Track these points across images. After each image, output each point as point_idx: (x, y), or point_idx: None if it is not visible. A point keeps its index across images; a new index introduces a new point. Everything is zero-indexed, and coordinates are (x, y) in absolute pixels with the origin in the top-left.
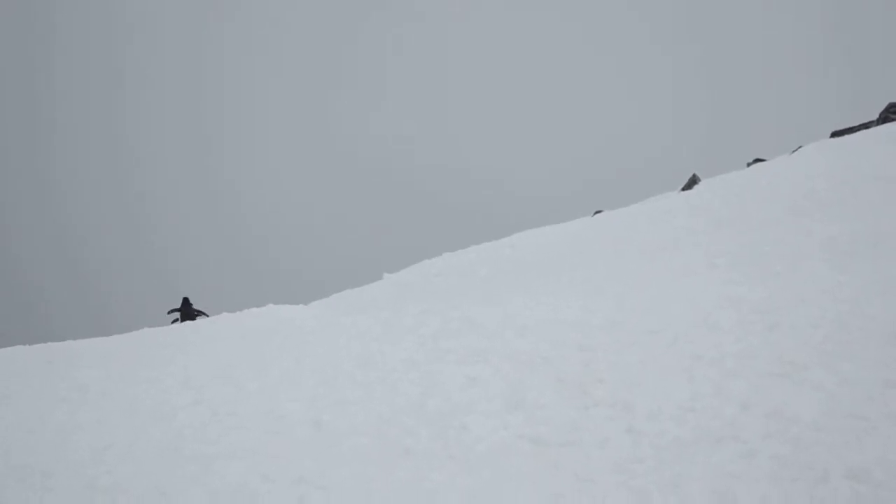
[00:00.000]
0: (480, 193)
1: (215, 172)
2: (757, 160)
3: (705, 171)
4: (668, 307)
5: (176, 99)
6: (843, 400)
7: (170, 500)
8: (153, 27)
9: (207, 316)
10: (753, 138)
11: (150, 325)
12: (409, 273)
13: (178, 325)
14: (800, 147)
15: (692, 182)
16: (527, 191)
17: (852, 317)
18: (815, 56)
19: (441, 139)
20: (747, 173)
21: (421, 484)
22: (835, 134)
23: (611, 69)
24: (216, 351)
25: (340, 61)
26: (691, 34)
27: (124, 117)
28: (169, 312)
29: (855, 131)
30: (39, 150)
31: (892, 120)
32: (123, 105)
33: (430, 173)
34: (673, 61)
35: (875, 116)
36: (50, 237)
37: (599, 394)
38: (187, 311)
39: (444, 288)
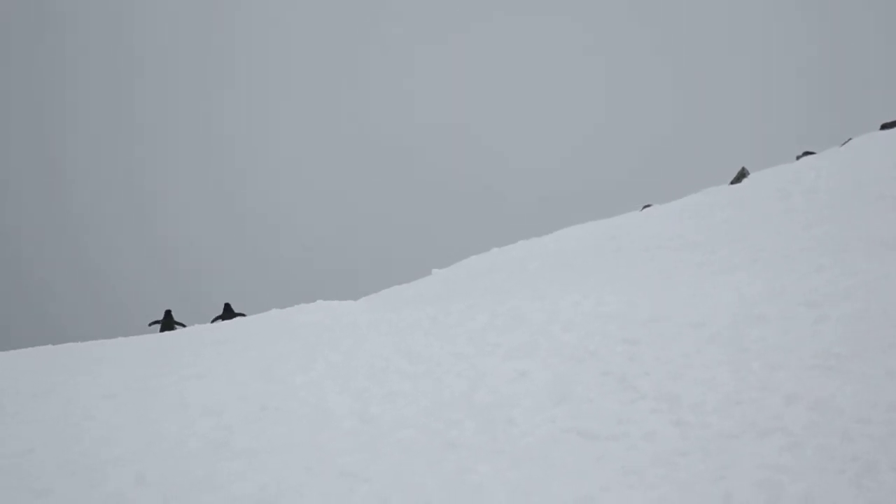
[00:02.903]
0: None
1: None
2: (806, 153)
3: (754, 165)
4: (712, 300)
5: (189, 95)
6: (890, 392)
7: (217, 494)
8: (163, 22)
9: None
10: (800, 132)
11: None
12: (456, 269)
13: (212, 323)
14: (849, 139)
15: (741, 175)
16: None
17: None
18: (862, 47)
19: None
20: (796, 166)
21: (467, 477)
22: (884, 126)
23: (662, 65)
24: (264, 346)
25: (361, 53)
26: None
27: (135, 115)
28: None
29: None
30: (50, 149)
31: None
32: (134, 102)
33: (474, 168)
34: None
35: None
36: (60, 236)
37: (645, 387)
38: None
39: (492, 283)
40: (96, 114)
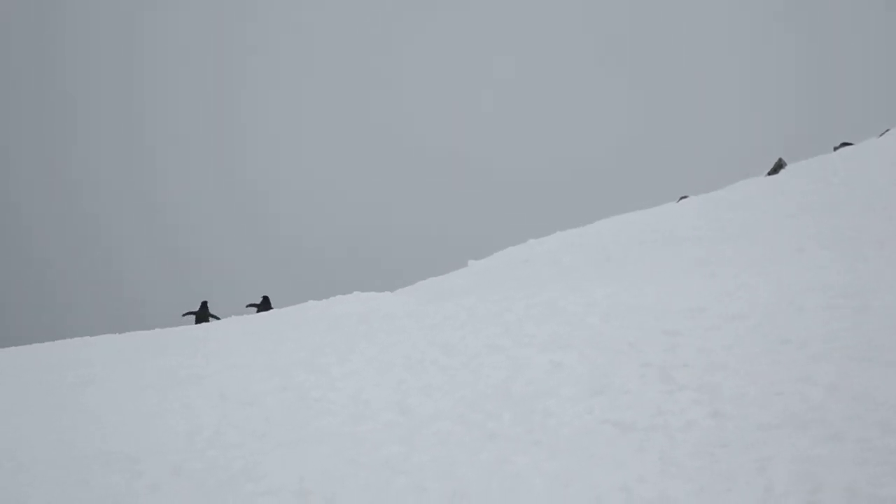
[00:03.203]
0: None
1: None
2: (844, 144)
3: (791, 156)
4: (752, 291)
5: (206, 92)
6: None
7: (258, 484)
8: (179, 22)
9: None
10: (838, 123)
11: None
12: (493, 260)
13: (238, 317)
14: (887, 130)
15: (778, 166)
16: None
17: None
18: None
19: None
20: (834, 157)
21: (505, 467)
22: None
23: (721, 56)
24: (303, 337)
25: (388, 52)
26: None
27: (147, 113)
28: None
29: None
30: (61, 148)
31: None
32: (146, 101)
33: (507, 159)
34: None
35: None
36: (72, 235)
37: (684, 378)
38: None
39: (529, 274)
40: (110, 112)
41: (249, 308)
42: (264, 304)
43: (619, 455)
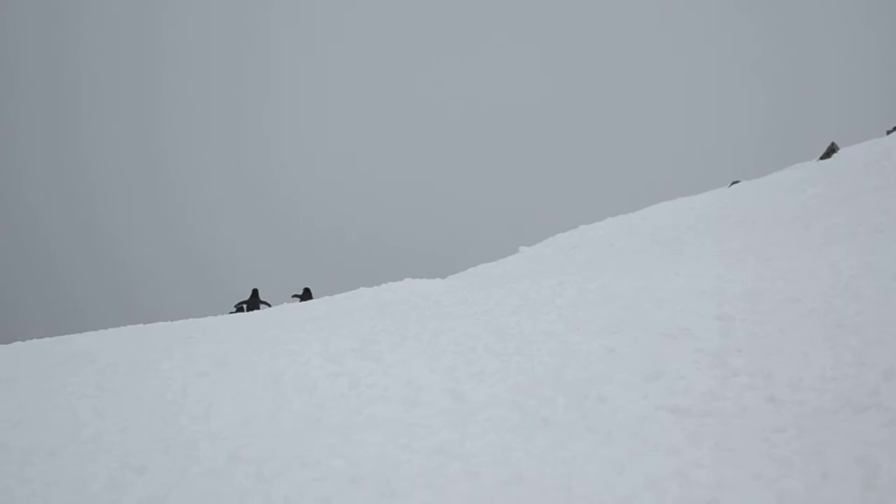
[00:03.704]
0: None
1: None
2: None
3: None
4: (807, 275)
5: (222, 88)
6: None
7: (312, 470)
8: (195, 21)
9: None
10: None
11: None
12: (544, 246)
13: (289, 304)
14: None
15: (830, 151)
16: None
17: None
18: None
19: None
20: (886, 141)
21: (559, 453)
22: None
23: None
24: (355, 324)
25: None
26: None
27: (160, 106)
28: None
29: None
30: (71, 144)
31: None
32: (160, 94)
33: (559, 143)
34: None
35: None
36: (84, 231)
37: (739, 363)
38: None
39: (580, 260)
40: (124, 108)
41: (293, 299)
42: (306, 295)
43: (674, 441)
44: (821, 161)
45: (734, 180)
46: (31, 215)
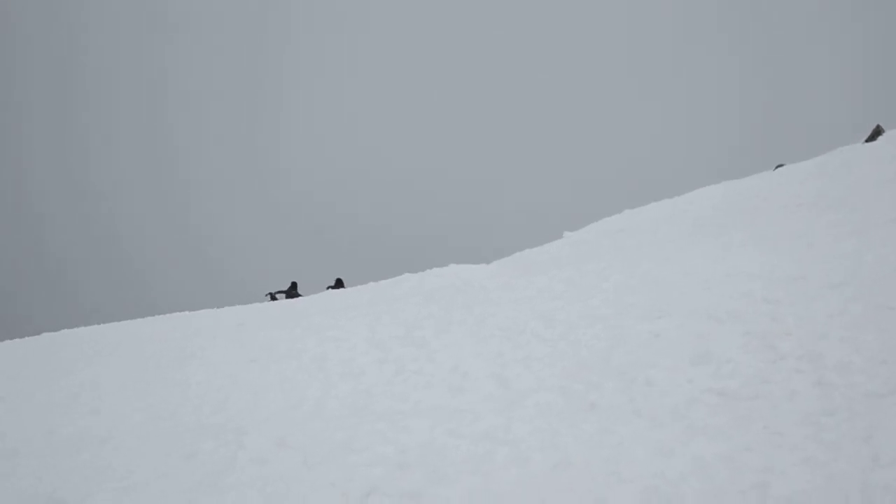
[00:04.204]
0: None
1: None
2: None
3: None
4: (854, 259)
5: (233, 92)
6: None
7: (359, 456)
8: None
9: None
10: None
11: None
12: (588, 231)
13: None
14: None
15: (876, 133)
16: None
17: None
18: None
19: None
20: None
21: (607, 438)
22: None
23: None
24: (401, 311)
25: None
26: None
27: (170, 104)
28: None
29: None
30: (78, 140)
31: None
32: (166, 92)
33: (594, 132)
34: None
35: None
36: (94, 226)
37: (787, 347)
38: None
39: (624, 244)
40: (136, 112)
41: (328, 290)
42: (338, 286)
43: (722, 425)
44: (866, 143)
45: (778, 163)
46: (47, 211)
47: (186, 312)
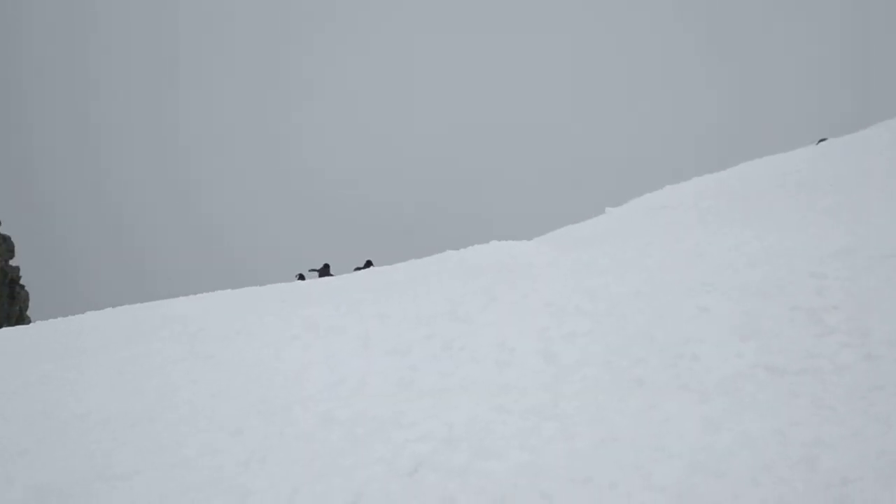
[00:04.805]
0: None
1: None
2: None
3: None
4: None
5: (243, 87)
6: None
7: (407, 432)
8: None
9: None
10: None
11: None
12: (630, 207)
13: (377, 267)
14: None
15: None
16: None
17: None
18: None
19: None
20: None
21: (654, 413)
22: None
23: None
24: (445, 287)
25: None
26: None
27: (179, 103)
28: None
29: None
30: (93, 140)
31: None
32: (177, 91)
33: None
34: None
35: None
36: (105, 225)
37: (834, 321)
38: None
39: (668, 220)
40: (138, 103)
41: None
42: (367, 268)
43: (770, 399)
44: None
45: (821, 138)
46: (59, 201)
47: (229, 290)
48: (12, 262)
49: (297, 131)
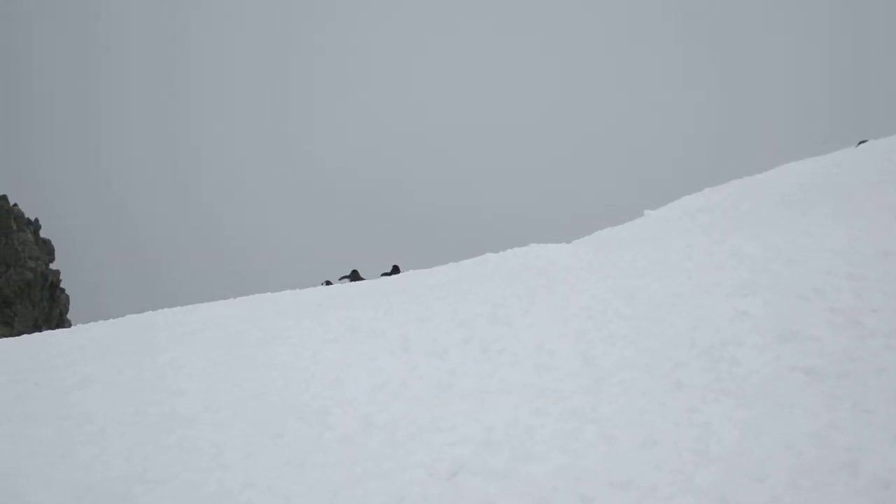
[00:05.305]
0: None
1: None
2: None
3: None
4: None
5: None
6: None
7: (446, 435)
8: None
9: None
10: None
11: None
12: (670, 209)
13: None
14: None
15: None
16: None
17: None
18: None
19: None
20: None
21: (694, 416)
22: None
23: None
24: (484, 290)
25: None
26: None
27: (189, 103)
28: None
29: None
30: (97, 134)
31: None
32: (188, 89)
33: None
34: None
35: None
36: (112, 225)
37: (873, 323)
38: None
39: (708, 222)
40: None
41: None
42: (394, 273)
43: (809, 403)
44: None
45: (861, 140)
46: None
47: (268, 294)
48: (52, 266)
49: (306, 129)
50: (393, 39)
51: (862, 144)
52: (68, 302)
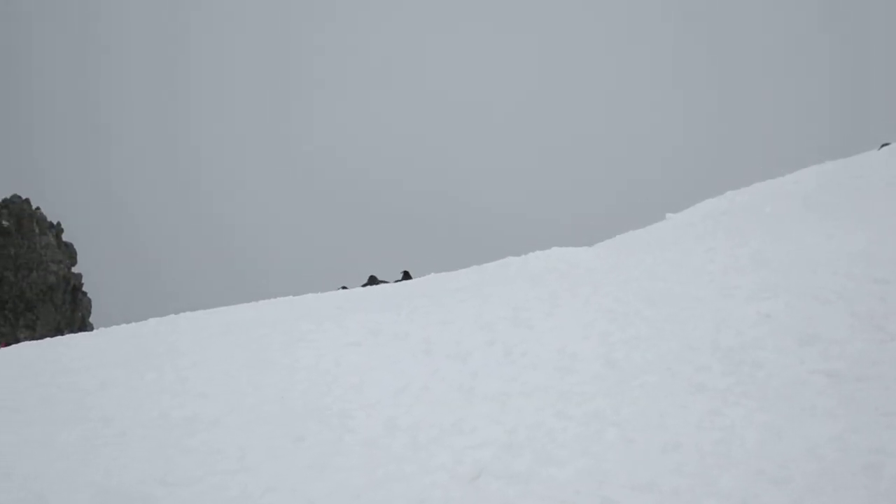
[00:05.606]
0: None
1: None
2: None
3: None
4: None
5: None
6: None
7: (469, 438)
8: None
9: None
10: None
11: None
12: (691, 213)
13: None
14: None
15: None
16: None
17: None
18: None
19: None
20: None
21: (716, 419)
22: None
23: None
24: (506, 293)
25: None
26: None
27: (190, 103)
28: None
29: None
30: (102, 135)
31: None
32: (188, 90)
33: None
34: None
35: None
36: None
37: (895, 327)
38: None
39: (730, 225)
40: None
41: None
42: (405, 279)
43: (831, 406)
44: None
45: (884, 143)
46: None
47: (290, 297)
48: (74, 270)
49: (306, 129)
50: (393, 39)
51: (885, 147)
52: (90, 305)
